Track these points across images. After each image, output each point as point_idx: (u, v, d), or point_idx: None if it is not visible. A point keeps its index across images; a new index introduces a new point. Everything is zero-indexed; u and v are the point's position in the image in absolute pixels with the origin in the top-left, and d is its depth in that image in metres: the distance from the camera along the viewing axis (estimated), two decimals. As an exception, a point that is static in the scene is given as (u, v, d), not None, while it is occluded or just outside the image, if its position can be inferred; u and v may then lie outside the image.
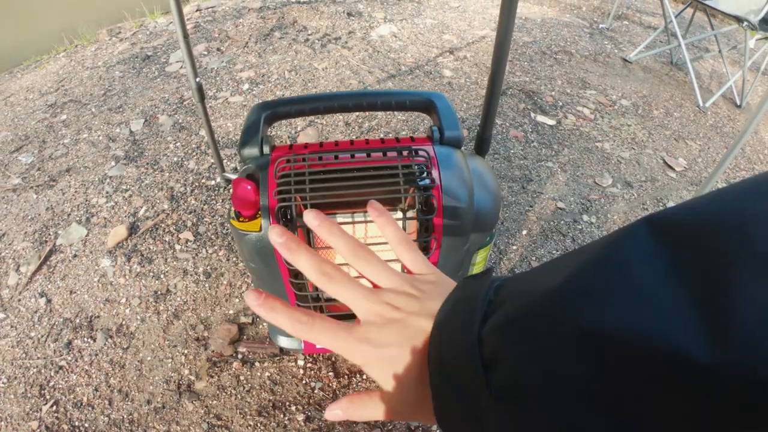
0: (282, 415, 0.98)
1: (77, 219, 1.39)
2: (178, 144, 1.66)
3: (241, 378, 1.04)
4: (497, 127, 1.79)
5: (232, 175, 1.37)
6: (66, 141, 1.69)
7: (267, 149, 0.73)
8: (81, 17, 2.48)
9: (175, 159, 1.60)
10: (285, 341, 0.93)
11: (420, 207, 0.66)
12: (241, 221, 0.69)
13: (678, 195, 1.60)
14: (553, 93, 2.03)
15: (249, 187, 0.66)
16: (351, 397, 0.29)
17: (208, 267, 1.26)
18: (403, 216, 0.66)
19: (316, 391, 1.02)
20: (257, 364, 1.07)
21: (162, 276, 1.24)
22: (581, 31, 2.62)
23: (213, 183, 1.51)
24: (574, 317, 0.18)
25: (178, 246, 1.31)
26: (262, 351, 1.09)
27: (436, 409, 0.23)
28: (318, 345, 0.27)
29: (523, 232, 1.40)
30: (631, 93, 2.12)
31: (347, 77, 2.02)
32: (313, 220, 0.31)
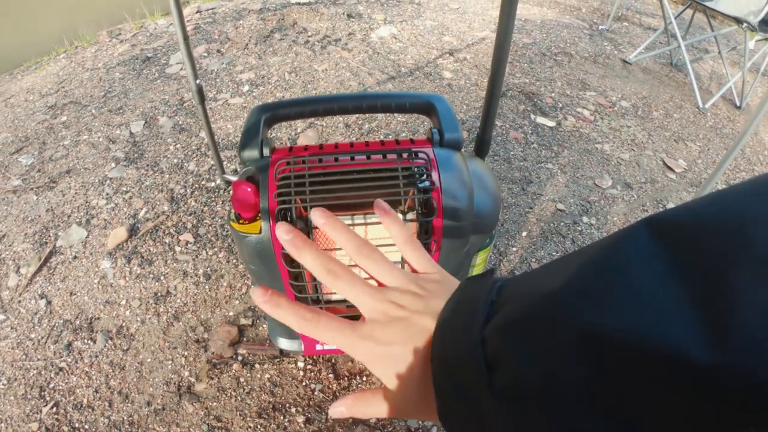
0: (282, 417, 0.98)
1: (77, 220, 1.39)
2: (178, 146, 1.66)
3: (241, 380, 1.04)
4: (497, 129, 1.79)
5: (232, 177, 1.37)
6: (66, 142, 1.69)
7: (267, 151, 0.73)
8: (81, 18, 2.48)
9: (176, 161, 1.60)
10: (285, 343, 0.93)
11: (420, 209, 0.66)
12: (241, 223, 0.69)
13: (678, 196, 1.60)
14: (553, 94, 2.03)
15: (249, 190, 0.66)
16: (355, 395, 0.29)
17: (208, 269, 1.26)
18: (403, 218, 0.66)
19: (316, 393, 1.02)
20: (257, 365, 1.07)
21: (162, 278, 1.24)
22: (581, 33, 2.62)
23: (213, 185, 1.51)
24: (574, 319, 0.18)
25: (178, 248, 1.31)
26: (262, 353, 1.09)
27: (439, 408, 0.23)
28: (322, 342, 0.27)
29: (523, 233, 1.40)
30: (631, 94, 2.13)
31: (347, 79, 2.02)
32: (320, 218, 0.31)
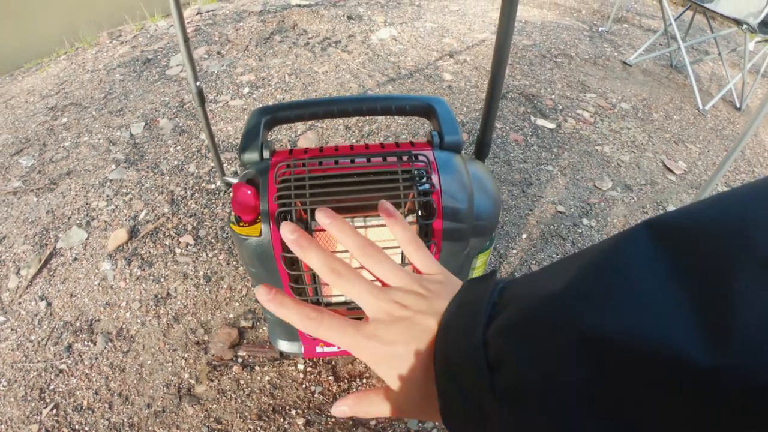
0: (282, 419, 0.98)
1: (78, 222, 1.39)
2: (178, 147, 1.66)
3: (241, 382, 1.04)
4: (497, 131, 1.79)
5: (232, 179, 1.37)
6: (66, 144, 1.70)
7: (267, 154, 0.73)
8: (81, 20, 2.48)
9: (176, 162, 1.60)
10: (285, 345, 0.93)
11: (420, 212, 0.66)
12: (241, 226, 0.69)
13: (678, 198, 1.60)
14: (553, 96, 2.04)
15: (249, 192, 0.66)
16: (358, 394, 0.29)
17: (208, 271, 1.26)
18: (403, 220, 0.66)
19: (316, 395, 1.02)
20: (257, 368, 1.07)
21: (162, 280, 1.24)
22: (581, 35, 2.62)
23: (213, 187, 1.51)
24: (574, 321, 0.18)
25: (178, 250, 1.31)
26: (262, 355, 1.09)
27: (442, 409, 0.23)
28: (325, 341, 0.27)
29: (523, 235, 1.40)
30: (631, 96, 2.13)
31: (347, 81, 2.02)
32: (325, 218, 0.31)
